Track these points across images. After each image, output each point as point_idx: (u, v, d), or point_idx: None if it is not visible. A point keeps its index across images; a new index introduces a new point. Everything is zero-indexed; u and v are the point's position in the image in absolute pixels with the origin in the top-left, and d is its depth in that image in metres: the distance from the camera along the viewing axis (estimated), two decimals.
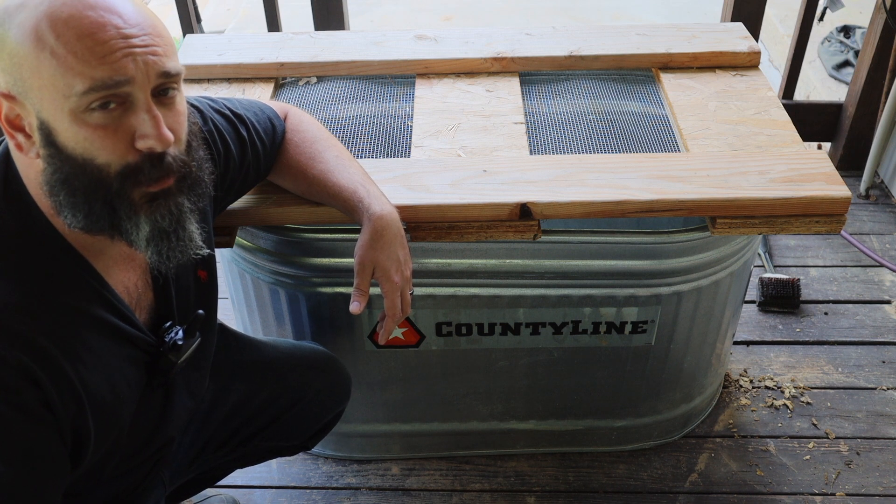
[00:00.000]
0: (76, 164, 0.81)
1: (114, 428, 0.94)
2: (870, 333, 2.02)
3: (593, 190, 1.26)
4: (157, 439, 1.06)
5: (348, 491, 1.69)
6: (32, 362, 0.81)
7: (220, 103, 1.15)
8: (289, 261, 1.38)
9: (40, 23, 0.77)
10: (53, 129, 0.80)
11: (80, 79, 0.77)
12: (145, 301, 0.99)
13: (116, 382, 0.92)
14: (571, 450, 1.75)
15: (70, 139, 0.80)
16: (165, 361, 0.99)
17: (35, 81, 0.78)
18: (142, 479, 1.10)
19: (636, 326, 1.48)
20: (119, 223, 0.85)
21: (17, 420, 0.80)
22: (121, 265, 0.94)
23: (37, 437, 0.83)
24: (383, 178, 1.27)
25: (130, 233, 0.86)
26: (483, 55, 1.60)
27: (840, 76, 3.27)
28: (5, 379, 0.79)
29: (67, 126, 0.79)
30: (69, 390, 0.85)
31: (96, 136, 0.80)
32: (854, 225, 2.34)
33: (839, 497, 1.66)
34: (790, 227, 1.26)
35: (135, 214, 0.85)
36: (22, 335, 0.81)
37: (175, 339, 1.00)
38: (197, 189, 0.91)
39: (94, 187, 0.82)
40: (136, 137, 0.81)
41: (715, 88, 1.54)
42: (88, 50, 0.77)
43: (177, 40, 3.83)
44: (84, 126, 0.79)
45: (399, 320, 1.18)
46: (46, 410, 0.83)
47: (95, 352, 0.88)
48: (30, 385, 0.81)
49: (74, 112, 0.78)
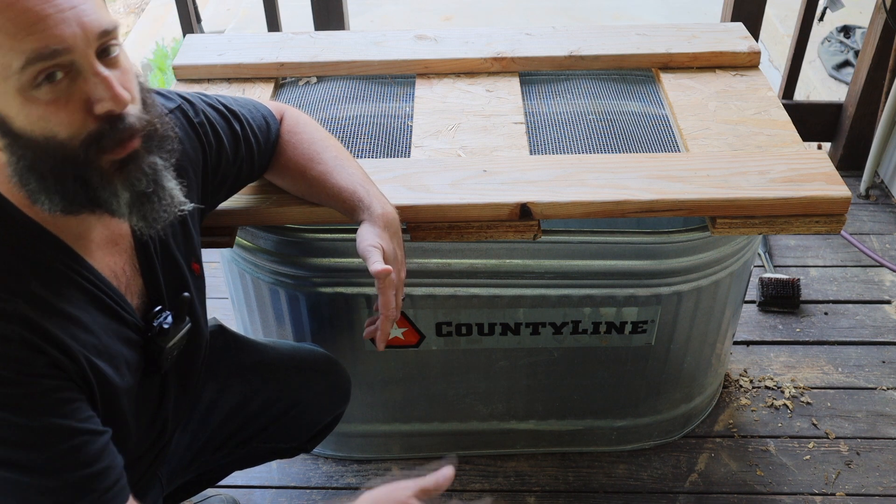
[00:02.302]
0: (38, 147, 0.78)
1: (118, 411, 0.94)
2: (870, 333, 2.02)
3: (593, 190, 1.26)
4: (154, 433, 1.06)
5: (348, 491, 1.69)
6: (34, 335, 0.81)
7: (214, 98, 1.15)
8: (289, 261, 1.38)
9: None
10: (5, 115, 0.76)
11: (14, 54, 0.73)
12: (135, 286, 0.98)
13: (117, 359, 0.92)
14: (571, 450, 1.75)
15: (25, 122, 0.76)
16: (154, 346, 0.98)
17: None
18: (139, 478, 1.10)
19: (636, 326, 1.48)
20: (96, 196, 0.82)
21: (33, 384, 0.81)
22: (105, 249, 0.93)
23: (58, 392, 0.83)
24: (383, 178, 1.27)
25: (111, 203, 0.83)
26: (483, 55, 1.60)
27: (840, 76, 3.27)
28: (11, 352, 0.80)
29: (18, 109, 0.76)
30: (72, 356, 0.85)
31: (50, 111, 0.76)
32: (854, 225, 2.34)
33: (839, 497, 1.66)
34: (790, 227, 1.26)
35: (109, 183, 0.82)
36: (16, 314, 0.80)
37: (163, 323, 0.99)
38: (165, 145, 0.87)
39: (62, 165, 0.79)
40: (92, 103, 0.78)
41: (715, 88, 1.54)
42: (14, 21, 0.72)
43: (177, 40, 3.84)
44: (35, 104, 0.75)
45: (394, 319, 1.17)
46: (58, 370, 0.83)
47: (90, 329, 0.88)
48: (36, 353, 0.81)
49: (21, 92, 0.74)
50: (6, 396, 0.80)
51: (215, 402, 1.28)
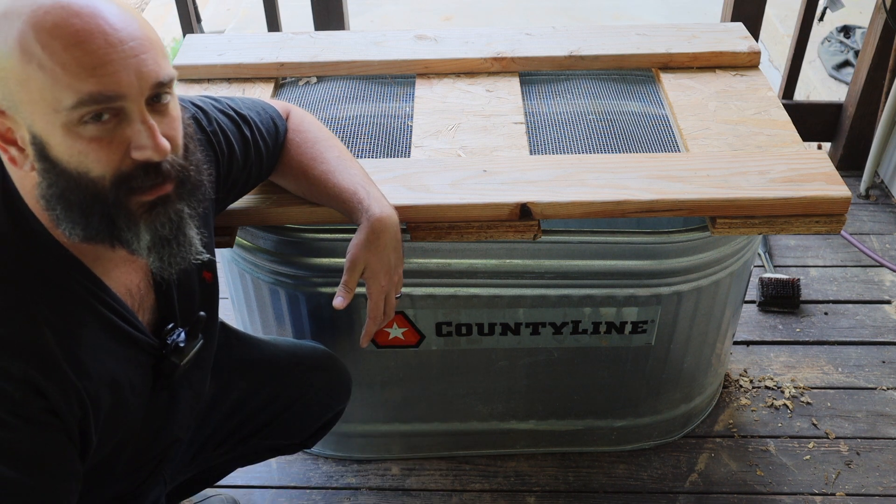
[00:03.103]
0: (71, 178, 0.79)
1: (117, 432, 0.94)
2: (870, 333, 2.02)
3: (593, 190, 1.26)
4: (163, 439, 1.07)
5: (348, 491, 1.69)
6: (37, 372, 0.80)
7: (224, 103, 1.15)
8: (289, 261, 1.38)
9: (25, 33, 0.74)
10: (46, 143, 0.77)
11: (69, 92, 0.75)
12: (147, 302, 0.99)
13: (120, 385, 0.92)
14: (571, 450, 1.75)
15: (64, 153, 0.78)
16: (168, 364, 0.99)
17: (24, 95, 0.75)
18: (145, 478, 1.10)
19: (636, 326, 1.48)
20: (119, 234, 0.84)
21: (25, 429, 0.80)
22: (122, 267, 0.94)
23: (47, 443, 0.82)
24: (383, 178, 1.27)
25: (131, 242, 0.85)
26: (483, 55, 1.60)
27: (840, 76, 3.27)
28: (10, 391, 0.79)
29: (60, 140, 0.77)
30: (74, 396, 0.84)
31: (90, 148, 0.78)
32: (854, 225, 2.34)
33: (839, 497, 1.66)
34: (790, 227, 1.26)
35: (134, 224, 0.83)
36: (24, 344, 0.80)
37: (177, 341, 0.99)
38: (196, 194, 0.89)
39: (91, 201, 0.80)
40: (132, 148, 0.79)
41: (715, 88, 1.54)
42: (77, 61, 0.74)
43: (177, 40, 3.85)
44: (78, 139, 0.77)
45: (381, 323, 1.18)
46: (53, 417, 0.82)
47: (97, 357, 0.88)
48: (35, 395, 0.80)
49: (67, 126, 0.76)
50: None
51: (217, 400, 1.28)
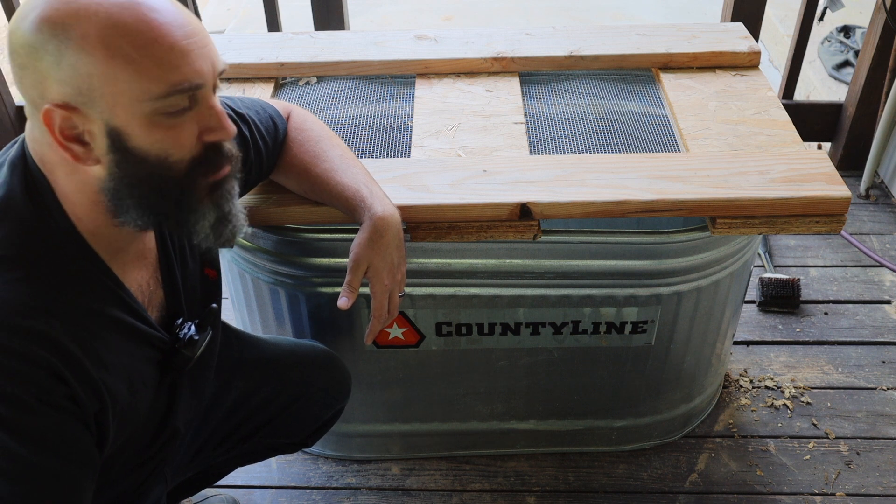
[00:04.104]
0: (151, 165, 0.84)
1: (128, 426, 0.95)
2: (870, 333, 2.02)
3: (593, 190, 1.26)
4: (163, 436, 1.07)
5: (348, 491, 1.69)
6: (59, 361, 0.82)
7: (223, 102, 1.15)
8: (289, 261, 1.38)
9: (106, 31, 0.78)
10: (125, 133, 0.81)
11: (158, 83, 0.80)
12: (156, 299, 1.00)
13: (134, 381, 0.94)
14: (571, 450, 1.75)
15: (144, 142, 0.82)
16: (181, 358, 1.00)
17: (107, 89, 0.79)
18: (146, 477, 1.10)
19: (636, 326, 1.48)
20: (185, 218, 0.89)
21: (52, 415, 0.82)
22: (135, 264, 0.96)
23: (71, 430, 0.84)
24: (383, 177, 1.27)
25: (196, 222, 0.90)
26: (483, 55, 1.60)
27: (840, 76, 3.26)
28: (35, 377, 0.80)
29: (140, 129, 0.81)
30: (92, 388, 0.86)
31: (169, 135, 0.83)
32: (854, 225, 2.34)
33: (839, 497, 1.66)
34: (790, 227, 1.26)
35: (200, 205, 0.89)
36: (47, 336, 0.82)
37: (190, 334, 1.01)
38: (239, 170, 0.95)
39: (170, 185, 0.86)
40: (204, 131, 0.86)
41: (715, 88, 1.54)
42: (164, 54, 0.80)
43: None
44: (158, 127, 0.82)
45: (385, 322, 1.19)
46: (74, 405, 0.84)
47: (115, 352, 0.90)
48: (57, 382, 0.82)
49: (149, 115, 0.81)
50: (17, 423, 0.80)
51: (217, 399, 1.28)
